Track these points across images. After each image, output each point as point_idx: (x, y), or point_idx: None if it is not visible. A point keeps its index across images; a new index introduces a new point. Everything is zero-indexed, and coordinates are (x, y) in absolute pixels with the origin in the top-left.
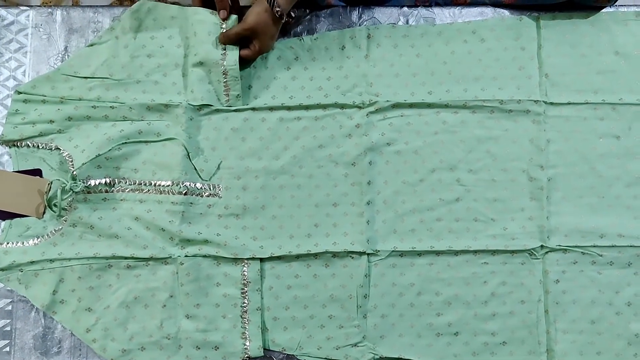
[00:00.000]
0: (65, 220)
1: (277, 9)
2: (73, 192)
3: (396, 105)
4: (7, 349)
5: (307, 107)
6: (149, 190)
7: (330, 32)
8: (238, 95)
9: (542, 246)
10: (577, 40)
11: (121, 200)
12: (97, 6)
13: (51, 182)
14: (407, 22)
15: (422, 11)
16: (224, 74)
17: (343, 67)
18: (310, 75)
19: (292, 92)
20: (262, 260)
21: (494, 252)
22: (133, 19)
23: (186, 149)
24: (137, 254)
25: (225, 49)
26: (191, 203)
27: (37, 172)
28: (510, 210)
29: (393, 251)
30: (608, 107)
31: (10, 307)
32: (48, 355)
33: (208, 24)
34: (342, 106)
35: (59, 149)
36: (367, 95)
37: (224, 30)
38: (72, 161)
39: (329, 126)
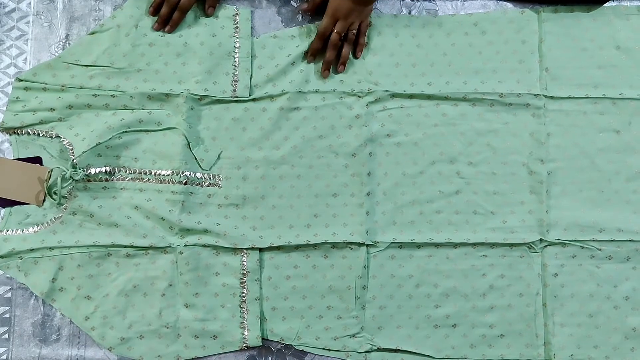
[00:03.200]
0: (65, 209)
1: None
2: (73, 180)
3: (395, 96)
4: (6, 335)
5: (306, 96)
6: (149, 179)
7: None
8: (246, 86)
9: (541, 240)
10: (579, 34)
11: (121, 189)
12: None
13: (51, 170)
14: (410, 13)
15: (425, 3)
16: (234, 65)
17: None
18: None
19: (291, 77)
20: (261, 250)
21: (493, 245)
22: (135, 8)
23: (186, 138)
24: (137, 242)
25: (238, 40)
26: (191, 193)
27: (37, 160)
28: (509, 204)
29: (392, 243)
30: (608, 102)
31: (9, 295)
32: (47, 343)
33: (221, 17)
34: (341, 95)
35: (59, 137)
36: (366, 84)
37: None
38: (72, 149)
39: (329, 116)
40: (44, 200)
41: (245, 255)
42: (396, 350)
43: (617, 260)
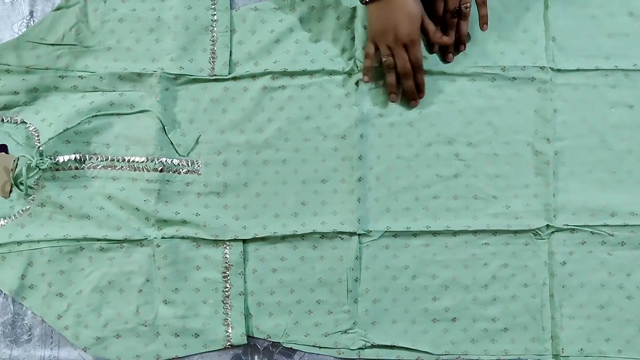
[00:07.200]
0: (33, 200)
1: None
2: (39, 169)
3: None
4: None
5: (292, 74)
6: (122, 166)
7: None
8: (225, 63)
9: (547, 225)
10: (587, 0)
11: (92, 177)
12: None
13: (17, 159)
14: None
15: None
16: (212, 40)
17: (331, 29)
18: (295, 38)
19: (276, 56)
20: (245, 241)
21: (495, 232)
22: None
23: (161, 121)
24: (111, 235)
25: (216, 14)
26: (168, 180)
27: (2, 148)
28: (513, 187)
29: (386, 231)
30: (620, 74)
31: None
32: (18, 343)
33: None
34: (330, 73)
35: (25, 122)
36: (358, 61)
37: None
38: (38, 136)
39: (316, 95)
40: (10, 192)
41: (227, 247)
42: (392, 347)
43: (631, 247)
